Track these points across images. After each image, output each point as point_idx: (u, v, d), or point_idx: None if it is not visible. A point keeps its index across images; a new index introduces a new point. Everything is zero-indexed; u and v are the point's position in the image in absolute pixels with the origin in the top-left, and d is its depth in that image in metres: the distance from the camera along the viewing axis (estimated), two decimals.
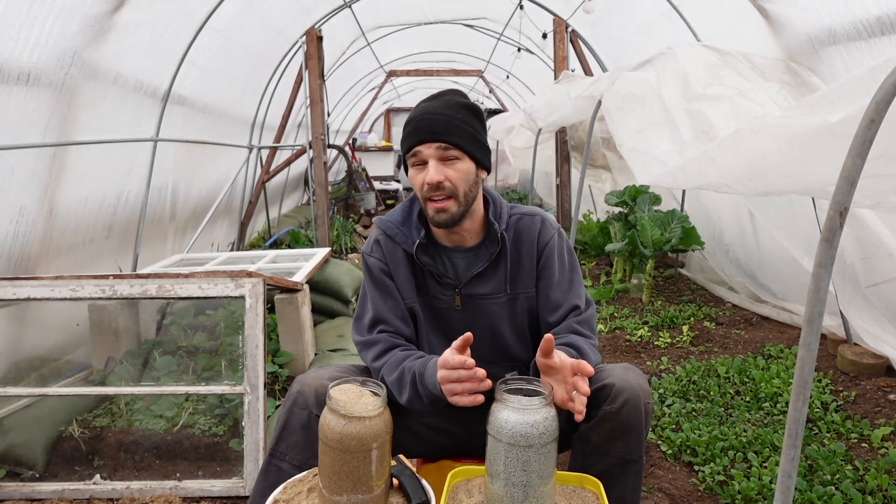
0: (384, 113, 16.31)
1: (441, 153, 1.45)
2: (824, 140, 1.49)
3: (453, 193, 1.46)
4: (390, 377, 1.48)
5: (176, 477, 2.28)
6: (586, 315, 1.57)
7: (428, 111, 1.48)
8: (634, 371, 1.45)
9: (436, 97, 1.53)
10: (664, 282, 5.27)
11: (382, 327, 1.57)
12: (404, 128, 1.53)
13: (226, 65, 5.03)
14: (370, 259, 1.61)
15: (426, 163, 1.46)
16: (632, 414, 1.37)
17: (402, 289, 1.59)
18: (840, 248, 2.61)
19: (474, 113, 1.51)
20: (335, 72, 8.07)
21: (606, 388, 1.40)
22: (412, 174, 1.51)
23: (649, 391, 1.43)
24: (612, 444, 1.39)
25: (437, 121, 1.45)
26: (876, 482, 2.12)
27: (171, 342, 3.08)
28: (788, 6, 3.22)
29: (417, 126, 1.47)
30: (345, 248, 6.45)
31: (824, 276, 1.18)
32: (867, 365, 3.09)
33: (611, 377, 1.41)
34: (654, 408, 2.79)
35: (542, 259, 1.58)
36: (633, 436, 1.38)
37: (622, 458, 1.39)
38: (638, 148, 3.03)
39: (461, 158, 1.46)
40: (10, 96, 2.62)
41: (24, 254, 2.93)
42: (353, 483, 1.14)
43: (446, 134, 1.45)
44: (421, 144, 1.45)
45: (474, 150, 1.49)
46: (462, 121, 1.47)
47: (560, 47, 5.88)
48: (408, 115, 1.55)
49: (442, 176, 1.44)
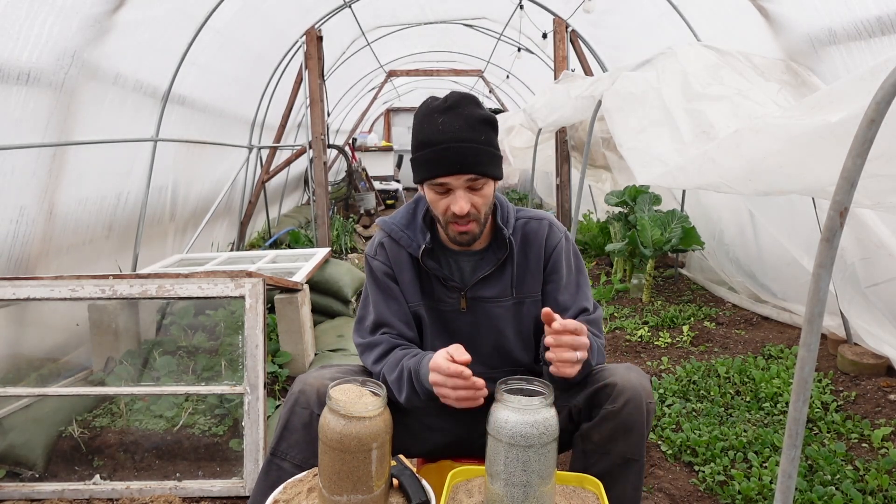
0: (384, 113, 16.29)
1: (470, 183, 1.42)
2: (824, 140, 1.49)
3: (477, 218, 1.45)
4: (391, 377, 1.48)
5: (176, 477, 2.28)
6: (594, 317, 1.57)
7: (453, 137, 1.38)
8: (636, 371, 1.45)
9: (451, 109, 1.41)
10: (664, 282, 5.27)
11: (385, 330, 1.56)
12: (419, 146, 1.43)
13: (226, 65, 5.03)
14: (374, 262, 1.60)
15: (451, 190, 1.42)
16: (633, 413, 1.37)
17: (407, 292, 1.58)
18: (840, 248, 2.61)
19: (493, 127, 1.46)
20: (335, 72, 8.07)
21: (608, 388, 1.40)
22: (433, 198, 1.45)
23: (651, 391, 1.43)
24: (613, 443, 1.39)
25: (465, 150, 1.38)
26: (876, 482, 2.12)
27: (171, 342, 3.08)
28: (788, 6, 3.22)
29: (443, 156, 1.38)
30: (345, 248, 6.45)
31: (824, 276, 1.18)
32: (867, 365, 3.09)
33: (613, 376, 1.41)
34: (656, 407, 2.79)
35: (550, 263, 1.58)
36: (634, 435, 1.38)
37: (623, 457, 1.40)
38: (638, 148, 3.03)
39: (487, 183, 1.44)
40: (10, 96, 2.62)
41: (24, 254, 2.93)
42: (353, 483, 1.14)
43: (477, 165, 1.40)
44: (449, 176, 1.39)
45: (497, 171, 1.46)
46: (486, 143, 1.42)
47: (560, 47, 5.88)
48: (417, 124, 1.46)
49: (469, 205, 1.42)
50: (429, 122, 1.42)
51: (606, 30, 5.84)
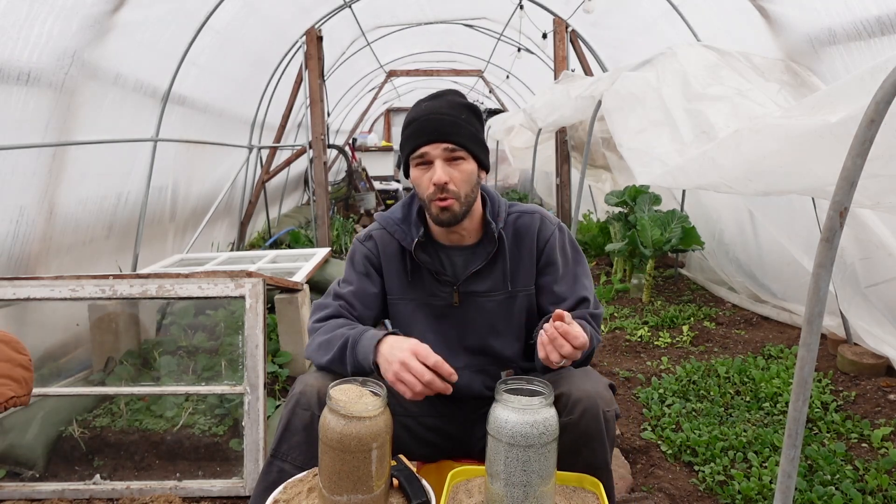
0: (384, 113, 16.31)
1: (448, 154, 1.45)
2: (824, 140, 1.49)
3: (456, 196, 1.46)
4: (320, 337, 1.50)
5: (176, 477, 2.28)
6: (596, 312, 1.56)
7: (433, 111, 1.47)
8: (594, 377, 1.42)
9: (436, 97, 1.52)
10: (664, 282, 5.27)
11: (343, 304, 1.58)
12: (405, 127, 1.51)
13: (226, 65, 5.03)
14: (360, 246, 1.63)
15: (431, 163, 1.46)
16: (591, 424, 1.33)
17: (391, 283, 1.60)
18: (840, 248, 2.61)
19: (475, 114, 1.52)
20: (335, 72, 8.07)
21: (563, 398, 1.36)
22: (416, 174, 1.49)
23: (610, 398, 1.39)
24: (576, 455, 1.36)
25: (443, 121, 1.45)
26: (876, 482, 2.12)
27: (171, 342, 3.08)
28: (788, 6, 3.23)
29: (423, 126, 1.46)
30: (345, 248, 6.45)
31: (824, 276, 1.18)
32: (867, 365, 3.09)
33: (567, 385, 1.38)
34: (654, 407, 2.79)
35: (544, 256, 1.58)
36: (595, 444, 1.35)
37: (591, 467, 1.36)
38: (638, 148, 3.03)
39: (466, 159, 1.47)
40: (10, 96, 2.62)
41: (24, 254, 2.93)
42: (353, 483, 1.14)
43: (453, 134, 1.45)
44: (428, 145, 1.45)
45: (478, 150, 1.49)
46: (466, 121, 1.48)
47: (560, 47, 5.88)
48: (407, 114, 1.54)
49: (448, 177, 1.44)
50: (415, 108, 1.52)
51: (606, 30, 5.85)
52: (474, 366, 1.58)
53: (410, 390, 1.29)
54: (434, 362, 1.29)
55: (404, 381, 1.29)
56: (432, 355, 1.30)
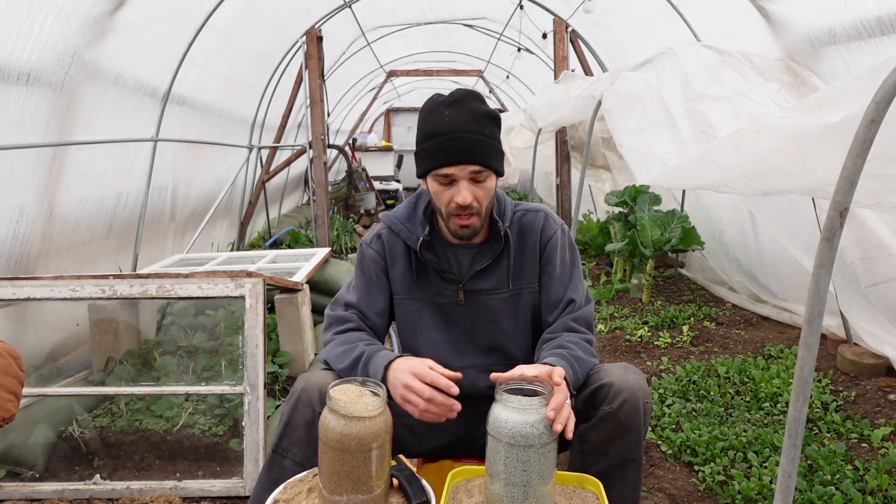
0: (384, 113, 16.29)
1: (473, 175, 1.44)
2: (824, 140, 1.49)
3: (478, 212, 1.47)
4: (338, 348, 1.51)
5: (176, 477, 2.28)
6: (583, 312, 1.57)
7: (459, 128, 1.41)
8: (633, 370, 1.45)
9: (457, 102, 1.45)
10: (664, 282, 5.27)
11: (356, 313, 1.61)
12: (426, 137, 1.45)
13: (226, 65, 5.03)
14: (367, 250, 1.64)
15: (455, 181, 1.44)
16: (630, 414, 1.37)
17: (397, 283, 1.61)
18: (840, 248, 2.61)
19: (497, 123, 1.49)
20: (335, 72, 8.07)
21: (605, 388, 1.40)
22: (437, 189, 1.47)
23: (648, 391, 1.43)
24: (610, 444, 1.39)
25: (471, 141, 1.41)
26: (876, 482, 2.12)
27: (171, 342, 3.08)
28: (788, 6, 3.22)
29: (449, 146, 1.41)
30: (345, 248, 6.45)
31: (824, 276, 1.18)
32: (867, 365, 3.09)
33: (609, 377, 1.41)
34: (654, 407, 2.79)
35: (545, 254, 1.59)
36: (631, 436, 1.38)
37: (621, 457, 1.40)
38: (638, 148, 3.03)
39: (490, 176, 1.47)
40: (10, 96, 2.62)
41: (24, 254, 2.93)
42: (353, 483, 1.14)
43: (481, 155, 1.42)
44: (455, 166, 1.42)
45: (499, 166, 1.49)
46: (490, 136, 1.45)
47: (560, 47, 5.88)
48: (423, 116, 1.48)
49: (472, 196, 1.44)
50: (435, 114, 1.45)
51: (606, 30, 5.84)
52: (481, 364, 1.58)
53: (416, 409, 1.33)
54: (431, 378, 1.32)
55: (410, 402, 1.33)
56: (429, 372, 1.33)
